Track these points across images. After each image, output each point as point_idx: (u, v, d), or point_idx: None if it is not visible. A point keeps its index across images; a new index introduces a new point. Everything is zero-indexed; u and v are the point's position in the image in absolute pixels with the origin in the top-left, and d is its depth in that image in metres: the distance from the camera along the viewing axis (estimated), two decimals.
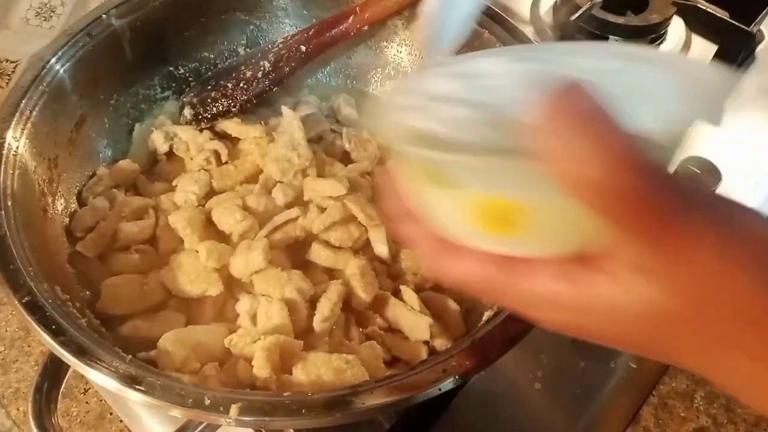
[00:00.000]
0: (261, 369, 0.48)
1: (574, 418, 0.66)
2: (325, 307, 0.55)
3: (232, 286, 0.59)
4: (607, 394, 0.68)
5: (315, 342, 0.55)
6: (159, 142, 0.68)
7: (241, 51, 0.75)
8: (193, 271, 0.57)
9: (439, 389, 0.44)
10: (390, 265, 0.63)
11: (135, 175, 0.67)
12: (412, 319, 0.55)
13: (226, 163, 0.68)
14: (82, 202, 0.64)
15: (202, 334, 0.53)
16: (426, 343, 0.56)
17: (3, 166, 0.54)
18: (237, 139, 0.70)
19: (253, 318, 0.55)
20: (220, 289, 0.56)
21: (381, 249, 0.62)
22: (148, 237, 0.62)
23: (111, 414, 0.67)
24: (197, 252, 0.59)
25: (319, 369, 0.50)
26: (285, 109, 0.68)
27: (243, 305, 0.56)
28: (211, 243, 0.58)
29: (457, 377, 0.44)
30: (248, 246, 0.59)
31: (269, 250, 0.59)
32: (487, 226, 0.31)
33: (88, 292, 0.58)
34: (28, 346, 0.71)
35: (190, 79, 0.74)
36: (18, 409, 0.67)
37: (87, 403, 0.67)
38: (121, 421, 0.66)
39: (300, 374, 0.49)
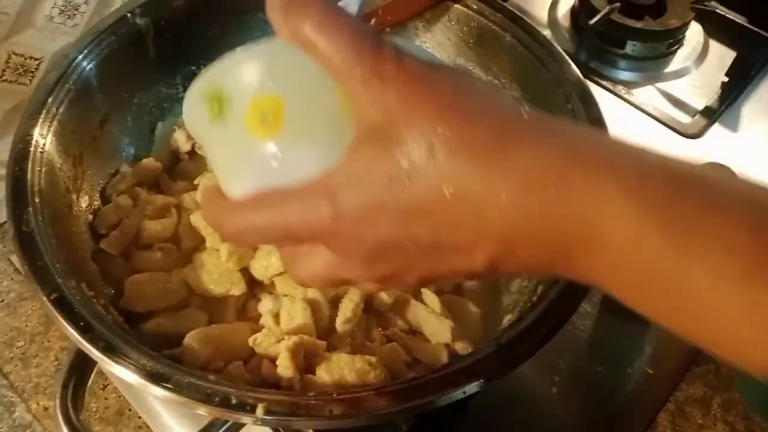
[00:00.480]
0: (285, 369, 0.49)
1: (591, 423, 0.66)
2: (348, 308, 0.55)
3: (254, 285, 0.60)
4: (624, 399, 0.68)
5: (337, 342, 0.55)
6: (181, 140, 0.69)
7: None
8: (216, 271, 0.57)
9: (464, 393, 0.44)
10: None
11: (157, 173, 0.67)
12: (433, 322, 0.55)
13: None
14: (105, 200, 0.64)
15: (226, 332, 0.53)
16: (446, 346, 0.56)
17: (30, 163, 0.54)
18: None
19: (276, 318, 0.55)
20: (243, 289, 0.57)
21: None
22: (170, 235, 0.62)
23: (130, 410, 0.67)
24: (219, 251, 0.59)
25: (342, 370, 0.50)
26: None
27: (265, 305, 0.56)
28: (233, 245, 0.59)
29: (482, 381, 0.45)
30: (268, 250, 0.59)
31: None
32: (256, 131, 0.33)
33: (111, 290, 0.58)
34: (48, 341, 0.71)
35: None
36: (38, 404, 0.68)
37: (106, 398, 0.68)
38: (139, 417, 0.66)
39: (323, 374, 0.50)
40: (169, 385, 0.44)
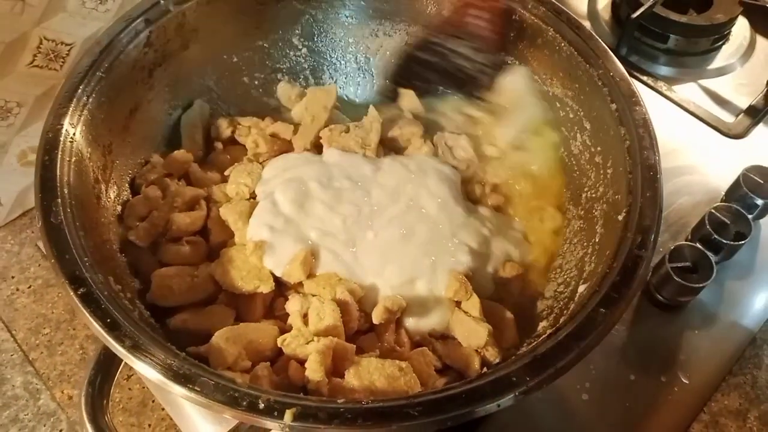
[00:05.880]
0: (314, 372, 0.47)
1: None
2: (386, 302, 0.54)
3: (282, 283, 0.58)
4: (657, 409, 0.66)
5: (366, 345, 0.54)
6: (222, 127, 0.68)
7: (295, 41, 0.74)
8: (245, 267, 0.56)
9: (498, 405, 0.43)
10: None
11: (188, 164, 0.66)
12: (470, 326, 0.53)
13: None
14: (134, 190, 0.63)
15: (254, 332, 0.52)
16: (477, 352, 0.54)
17: (60, 153, 0.53)
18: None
19: (304, 318, 0.54)
20: (271, 287, 0.55)
21: None
22: (199, 228, 0.61)
23: (153, 401, 0.66)
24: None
25: (372, 375, 0.48)
26: (371, 109, 0.68)
27: (293, 305, 0.55)
28: (261, 241, 0.57)
29: (517, 395, 0.43)
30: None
31: None
32: None
33: (138, 282, 0.58)
34: (73, 329, 0.71)
35: (243, 68, 0.73)
36: (62, 392, 0.67)
37: (130, 389, 0.67)
38: (162, 409, 0.66)
39: (352, 379, 0.48)
40: (196, 387, 0.43)
